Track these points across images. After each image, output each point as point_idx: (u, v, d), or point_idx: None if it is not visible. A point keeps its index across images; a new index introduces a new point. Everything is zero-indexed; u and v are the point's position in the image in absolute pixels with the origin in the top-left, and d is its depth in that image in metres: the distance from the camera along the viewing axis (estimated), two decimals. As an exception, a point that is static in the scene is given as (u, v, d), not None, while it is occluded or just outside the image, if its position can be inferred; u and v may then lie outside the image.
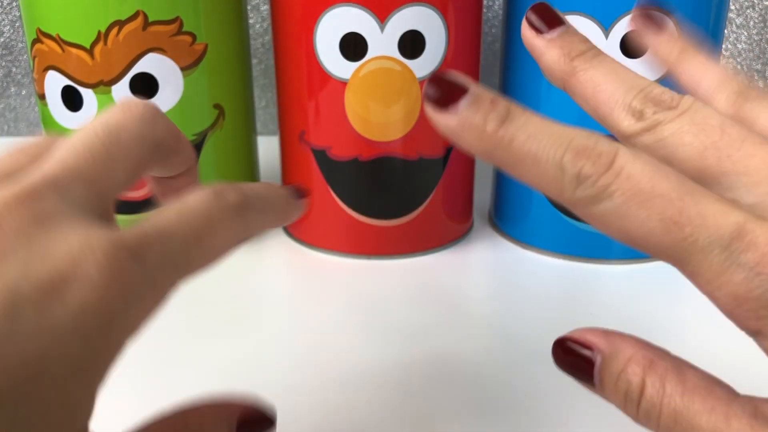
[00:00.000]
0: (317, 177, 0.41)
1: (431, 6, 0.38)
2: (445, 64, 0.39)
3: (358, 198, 0.41)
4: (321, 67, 0.39)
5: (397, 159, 0.40)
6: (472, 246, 0.44)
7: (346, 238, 0.42)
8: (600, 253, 0.42)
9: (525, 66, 0.40)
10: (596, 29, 0.37)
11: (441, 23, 0.38)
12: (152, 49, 0.38)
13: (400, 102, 0.39)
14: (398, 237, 0.42)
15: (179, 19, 0.38)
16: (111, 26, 0.37)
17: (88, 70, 0.38)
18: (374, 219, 0.42)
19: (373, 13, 0.37)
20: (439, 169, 0.42)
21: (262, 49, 0.68)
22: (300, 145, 0.42)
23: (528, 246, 0.44)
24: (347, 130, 0.39)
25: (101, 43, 0.37)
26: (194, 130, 0.40)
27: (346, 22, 0.37)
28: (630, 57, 0.37)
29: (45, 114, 0.40)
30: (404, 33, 0.38)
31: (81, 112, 0.39)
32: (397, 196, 0.41)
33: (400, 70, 0.38)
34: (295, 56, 0.40)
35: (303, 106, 0.40)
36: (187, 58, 0.39)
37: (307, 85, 0.40)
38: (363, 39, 0.38)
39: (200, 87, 0.40)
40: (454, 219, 0.44)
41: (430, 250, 0.43)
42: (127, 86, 0.38)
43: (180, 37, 0.38)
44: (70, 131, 0.39)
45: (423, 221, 0.42)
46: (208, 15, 0.39)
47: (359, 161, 0.40)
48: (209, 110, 0.41)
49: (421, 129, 0.40)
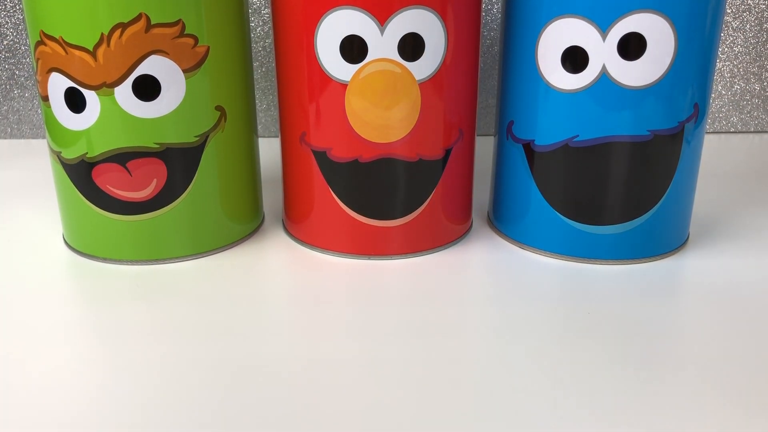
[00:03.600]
0: (318, 178, 0.42)
1: (431, 9, 0.38)
2: (444, 66, 0.40)
3: (358, 198, 0.42)
4: (321, 70, 0.39)
5: (397, 160, 0.40)
6: (471, 246, 0.45)
7: (346, 238, 0.43)
8: (598, 254, 0.42)
9: (524, 69, 0.41)
10: (593, 31, 0.37)
11: (440, 26, 0.39)
12: (155, 51, 0.38)
13: (400, 104, 0.39)
14: (398, 237, 0.43)
15: (181, 21, 0.38)
16: (114, 28, 0.37)
17: (91, 72, 0.38)
18: (374, 219, 0.42)
19: (373, 15, 0.37)
20: (439, 170, 0.42)
21: (263, 53, 0.68)
22: (301, 146, 0.42)
23: (526, 246, 0.44)
24: (347, 132, 0.40)
25: (104, 45, 0.37)
26: (196, 132, 0.41)
27: (347, 24, 0.38)
28: (627, 59, 0.37)
29: (48, 116, 0.41)
30: (404, 35, 0.38)
31: (84, 113, 0.39)
32: (397, 196, 0.42)
33: (400, 73, 0.39)
34: (296, 58, 0.40)
35: (304, 108, 0.41)
36: (190, 61, 0.39)
37: (308, 87, 0.40)
38: (363, 41, 0.38)
39: (202, 89, 0.40)
40: (453, 220, 0.44)
41: (430, 250, 0.44)
42: (130, 88, 0.38)
43: (182, 39, 0.39)
44: (73, 132, 0.40)
45: (422, 222, 0.43)
46: (210, 18, 0.39)
47: (359, 162, 0.41)
48: (211, 112, 0.41)
49: (420, 130, 0.40)
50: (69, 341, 0.34)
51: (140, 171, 0.40)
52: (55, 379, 0.31)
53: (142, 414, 0.29)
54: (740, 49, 0.69)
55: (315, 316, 0.37)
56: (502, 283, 0.40)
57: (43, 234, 0.47)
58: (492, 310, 0.37)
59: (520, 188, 0.43)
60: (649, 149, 0.39)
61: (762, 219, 0.49)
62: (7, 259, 0.43)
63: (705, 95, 0.40)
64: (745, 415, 0.29)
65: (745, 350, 0.33)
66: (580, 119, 0.39)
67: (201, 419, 0.28)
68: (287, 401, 0.30)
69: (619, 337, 0.34)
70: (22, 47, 0.68)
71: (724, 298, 0.38)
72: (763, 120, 0.72)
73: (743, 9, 0.68)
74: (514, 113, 0.42)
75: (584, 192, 0.41)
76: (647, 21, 0.37)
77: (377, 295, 0.39)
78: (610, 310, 0.37)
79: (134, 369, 0.32)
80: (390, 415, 0.29)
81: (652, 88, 0.38)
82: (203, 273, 0.41)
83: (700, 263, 0.42)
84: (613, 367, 0.32)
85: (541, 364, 0.32)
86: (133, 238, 0.42)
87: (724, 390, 0.30)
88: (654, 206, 0.41)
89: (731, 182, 0.57)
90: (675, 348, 0.34)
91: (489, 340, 0.34)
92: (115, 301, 0.38)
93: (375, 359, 0.33)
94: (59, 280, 0.41)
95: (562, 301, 0.38)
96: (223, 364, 0.32)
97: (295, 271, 0.42)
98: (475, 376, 0.31)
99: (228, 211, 0.44)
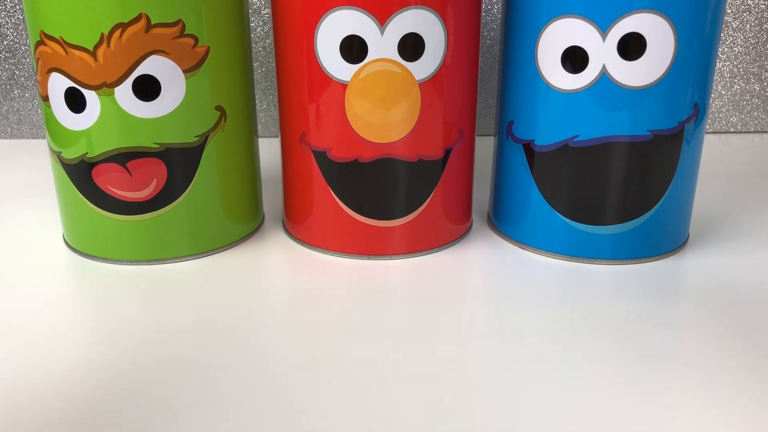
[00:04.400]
0: (318, 178, 0.42)
1: (431, 9, 0.38)
2: (444, 66, 0.40)
3: (358, 198, 0.42)
4: (321, 70, 0.39)
5: (397, 160, 0.40)
6: (471, 246, 0.45)
7: (346, 238, 0.43)
8: (597, 254, 0.42)
9: (524, 69, 0.41)
10: (593, 31, 0.37)
11: (440, 26, 0.39)
12: (155, 52, 0.38)
13: (400, 104, 0.39)
14: (398, 237, 0.43)
15: (181, 21, 0.38)
16: (114, 28, 0.37)
17: (91, 72, 0.38)
18: (374, 219, 0.42)
19: (373, 15, 0.37)
20: (439, 170, 0.42)
21: (263, 53, 0.68)
22: (301, 146, 0.42)
23: (526, 246, 0.44)
24: (347, 132, 0.40)
25: (104, 45, 0.37)
26: (196, 132, 0.41)
27: (347, 24, 0.38)
28: (627, 59, 0.37)
29: (48, 116, 0.41)
30: (404, 35, 0.38)
31: (84, 113, 0.39)
32: (397, 197, 0.42)
33: (400, 73, 0.39)
34: (296, 58, 0.40)
35: (304, 108, 0.41)
36: (190, 61, 0.39)
37: (308, 87, 0.40)
38: (363, 41, 0.38)
39: (202, 89, 0.40)
40: (453, 220, 0.44)
41: (430, 250, 0.44)
42: (130, 88, 0.38)
43: (182, 39, 0.39)
44: (73, 132, 0.40)
45: (422, 222, 0.43)
46: (211, 18, 0.39)
47: (359, 162, 0.41)
48: (211, 112, 0.41)
49: (420, 130, 0.40)
50: (69, 341, 0.34)
51: (140, 171, 0.40)
52: (54, 379, 0.31)
53: (142, 414, 0.29)
54: (740, 49, 0.69)
55: (315, 316, 0.37)
56: (502, 283, 0.40)
57: (43, 234, 0.47)
58: (492, 310, 0.37)
59: (520, 188, 0.43)
60: (649, 149, 0.39)
61: (762, 219, 0.49)
62: (7, 259, 0.43)
63: (705, 95, 0.40)
64: (745, 414, 0.29)
65: (745, 350, 0.33)
66: (580, 119, 0.39)
67: (201, 419, 0.29)
68: (287, 401, 0.30)
69: (619, 337, 0.34)
70: (22, 47, 0.68)
71: (724, 298, 0.38)
72: (763, 120, 0.72)
73: (743, 9, 0.68)
74: (514, 113, 0.42)
75: (584, 192, 0.41)
76: (647, 21, 0.37)
77: (377, 295, 0.39)
78: (610, 310, 0.37)
79: (134, 369, 0.32)
80: (390, 415, 0.29)
81: (652, 88, 0.38)
82: (203, 273, 0.41)
83: (700, 263, 0.42)
84: (613, 367, 0.32)
85: (541, 363, 0.32)
86: (133, 238, 0.42)
87: (724, 390, 0.30)
88: (654, 206, 0.41)
89: (731, 182, 0.57)
90: (675, 348, 0.34)
91: (489, 340, 0.34)
92: (115, 301, 0.38)
93: (375, 359, 0.33)
94: (59, 280, 0.41)
95: (562, 301, 0.38)
96: (223, 364, 0.32)
97: (295, 271, 0.42)
98: (475, 376, 0.31)
99: (228, 211, 0.44)
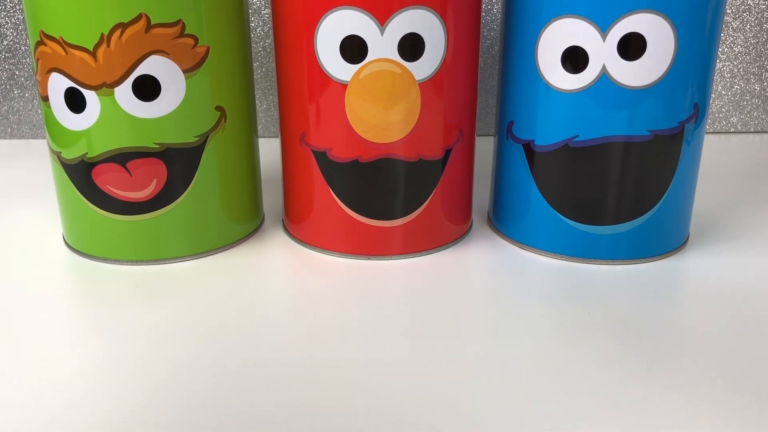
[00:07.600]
0: (318, 178, 0.42)
1: (430, 9, 0.38)
2: (444, 66, 0.40)
3: (358, 199, 0.42)
4: (321, 70, 0.39)
5: (397, 160, 0.40)
6: (471, 246, 0.45)
7: (346, 238, 0.43)
8: (598, 254, 0.42)
9: (524, 69, 0.41)
10: (593, 31, 0.37)
11: (440, 26, 0.39)
12: (155, 52, 0.38)
13: (400, 104, 0.39)
14: (398, 237, 0.43)
15: (181, 22, 0.38)
16: (114, 29, 0.37)
17: (91, 72, 0.38)
18: (374, 219, 0.42)
19: (373, 16, 0.37)
20: (439, 170, 0.42)
21: (263, 53, 0.68)
22: (301, 146, 0.42)
23: (526, 246, 0.44)
24: (347, 132, 0.40)
25: (104, 45, 0.37)
26: (196, 132, 0.41)
27: (347, 24, 0.38)
28: (627, 59, 0.37)
29: (48, 116, 0.41)
30: (404, 36, 0.38)
31: (84, 113, 0.39)
32: (397, 197, 0.42)
33: (399, 73, 0.39)
34: (296, 59, 0.40)
35: (304, 108, 0.41)
36: (190, 61, 0.39)
37: (308, 87, 0.40)
38: (363, 41, 0.38)
39: (202, 89, 0.40)
40: (453, 220, 0.44)
41: (430, 250, 0.44)
42: (130, 88, 0.38)
43: (182, 39, 0.39)
44: (73, 133, 0.40)
45: (422, 222, 0.43)
46: (211, 18, 0.39)
47: (359, 162, 0.41)
48: (211, 112, 0.41)
49: (420, 131, 0.40)
50: (69, 341, 0.34)
51: (140, 171, 0.40)
52: (54, 379, 0.31)
53: (143, 414, 0.29)
54: (740, 49, 0.69)
55: (315, 316, 0.37)
56: (502, 283, 0.40)
57: (43, 234, 0.47)
58: (492, 310, 0.37)
59: (520, 188, 0.43)
60: (649, 149, 0.39)
61: (762, 219, 0.49)
62: (7, 259, 0.43)
63: (705, 95, 0.40)
64: (745, 414, 0.29)
65: (745, 350, 0.33)
66: (580, 119, 0.39)
67: (201, 419, 0.29)
68: (287, 401, 0.30)
69: (619, 337, 0.34)
70: (22, 47, 0.68)
71: (724, 298, 0.38)
72: (763, 120, 0.72)
73: (743, 9, 0.68)
74: (514, 113, 0.42)
75: (584, 192, 0.41)
76: (647, 21, 0.37)
77: (377, 295, 0.39)
78: (610, 310, 0.37)
79: (134, 369, 0.32)
80: (390, 415, 0.29)
81: (652, 89, 0.38)
82: (203, 273, 0.41)
83: (700, 263, 0.42)
84: (613, 367, 0.32)
85: (541, 363, 0.32)
86: (133, 238, 0.42)
87: (724, 390, 0.30)
88: (654, 206, 0.41)
89: (731, 182, 0.57)
90: (675, 348, 0.34)
91: (489, 340, 0.34)
92: (115, 301, 0.38)
93: (375, 359, 0.33)
94: (59, 280, 0.41)
95: (562, 301, 0.38)
96: (223, 364, 0.32)
97: (295, 271, 0.42)
98: (474, 375, 0.31)
99: (228, 211, 0.44)
